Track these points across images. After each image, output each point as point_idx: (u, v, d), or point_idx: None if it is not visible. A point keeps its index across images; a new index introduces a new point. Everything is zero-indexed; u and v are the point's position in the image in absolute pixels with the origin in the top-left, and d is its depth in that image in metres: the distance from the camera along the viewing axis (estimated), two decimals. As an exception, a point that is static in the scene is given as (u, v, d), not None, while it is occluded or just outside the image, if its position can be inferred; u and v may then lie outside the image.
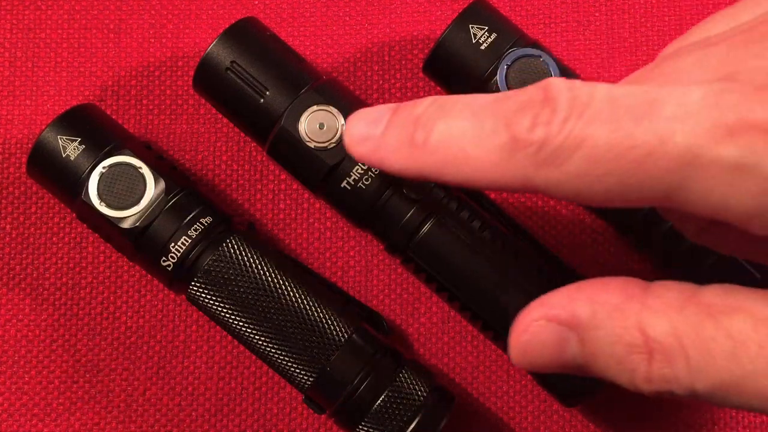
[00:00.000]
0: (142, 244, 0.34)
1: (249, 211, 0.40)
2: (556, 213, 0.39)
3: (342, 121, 0.34)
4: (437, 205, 0.34)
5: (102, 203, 0.34)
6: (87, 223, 0.35)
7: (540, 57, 0.35)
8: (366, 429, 0.34)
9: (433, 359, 0.39)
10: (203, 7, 0.41)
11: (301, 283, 0.35)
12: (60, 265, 0.39)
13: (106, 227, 0.34)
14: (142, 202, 0.34)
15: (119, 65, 0.41)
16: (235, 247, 0.34)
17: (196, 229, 0.34)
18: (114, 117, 0.38)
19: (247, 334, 0.34)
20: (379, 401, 0.34)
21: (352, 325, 0.35)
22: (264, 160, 0.40)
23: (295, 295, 0.34)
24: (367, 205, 0.34)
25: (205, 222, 0.35)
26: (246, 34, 0.35)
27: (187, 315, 0.39)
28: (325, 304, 0.35)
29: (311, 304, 0.34)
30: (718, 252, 0.27)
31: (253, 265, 0.34)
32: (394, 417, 0.34)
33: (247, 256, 0.35)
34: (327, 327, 0.34)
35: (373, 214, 0.34)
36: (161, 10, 0.41)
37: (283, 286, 0.34)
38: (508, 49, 0.35)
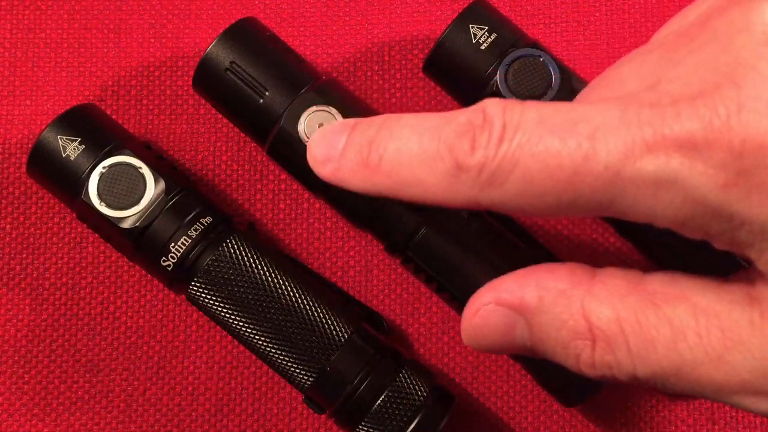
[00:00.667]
0: (142, 244, 0.34)
1: (249, 211, 0.40)
2: (556, 213, 0.39)
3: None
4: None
5: (102, 203, 0.34)
6: (87, 223, 0.35)
7: (540, 57, 0.35)
8: (366, 429, 0.34)
9: (433, 359, 0.39)
10: (203, 7, 0.41)
11: (301, 283, 0.35)
12: (60, 265, 0.39)
13: (106, 227, 0.34)
14: (142, 202, 0.34)
15: (119, 65, 0.41)
16: (235, 247, 0.34)
17: (196, 229, 0.34)
18: (114, 117, 0.38)
19: (247, 334, 0.34)
20: (379, 401, 0.34)
21: (352, 325, 0.35)
22: (264, 160, 0.40)
23: (295, 295, 0.34)
24: (367, 205, 0.34)
25: (205, 222, 0.35)
26: (246, 35, 0.35)
27: (187, 315, 0.39)
28: (325, 304, 0.35)
29: (311, 304, 0.34)
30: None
31: (253, 265, 0.34)
32: (394, 417, 0.34)
33: (247, 256, 0.35)
34: (327, 327, 0.34)
35: (373, 214, 0.34)
36: (161, 10, 0.41)
37: (283, 286, 0.34)
38: (508, 49, 0.35)
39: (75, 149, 0.34)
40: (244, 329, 0.34)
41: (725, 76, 0.23)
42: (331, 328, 0.34)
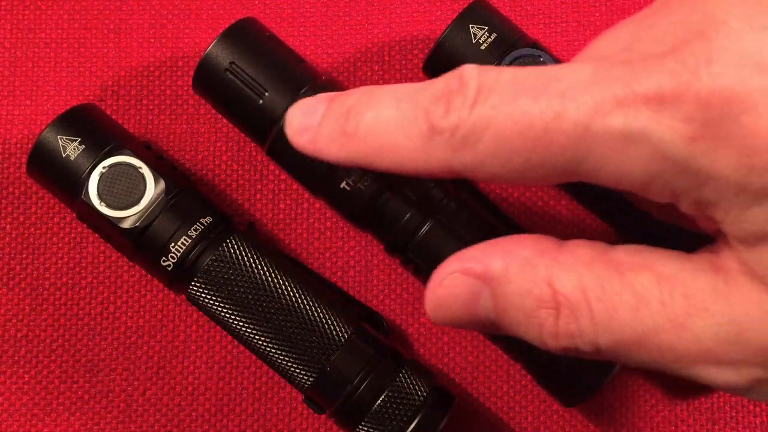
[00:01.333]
0: (142, 244, 0.34)
1: (249, 211, 0.40)
2: (556, 213, 0.39)
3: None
4: (437, 205, 0.34)
5: (102, 203, 0.34)
6: (87, 223, 0.35)
7: (540, 57, 0.35)
8: (366, 429, 0.34)
9: (433, 359, 0.39)
10: (203, 7, 0.41)
11: (301, 283, 0.35)
12: (60, 265, 0.39)
13: (106, 227, 0.34)
14: (142, 202, 0.34)
15: (119, 65, 0.41)
16: (235, 247, 0.34)
17: (196, 229, 0.34)
18: (114, 117, 0.38)
19: (247, 334, 0.34)
20: (379, 401, 0.34)
21: (352, 325, 0.35)
22: (264, 160, 0.40)
23: (295, 295, 0.34)
24: (367, 205, 0.34)
25: (205, 222, 0.35)
26: (245, 35, 0.35)
27: (187, 315, 0.39)
28: (325, 304, 0.35)
29: (311, 304, 0.34)
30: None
31: (253, 265, 0.34)
32: (394, 417, 0.34)
33: (247, 256, 0.35)
34: (327, 327, 0.34)
35: (373, 214, 0.34)
36: (161, 10, 0.41)
37: (283, 286, 0.34)
38: (508, 49, 0.35)
39: (75, 149, 0.34)
40: (244, 329, 0.34)
41: (696, 33, 0.23)
42: (331, 328, 0.34)
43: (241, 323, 0.34)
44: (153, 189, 0.34)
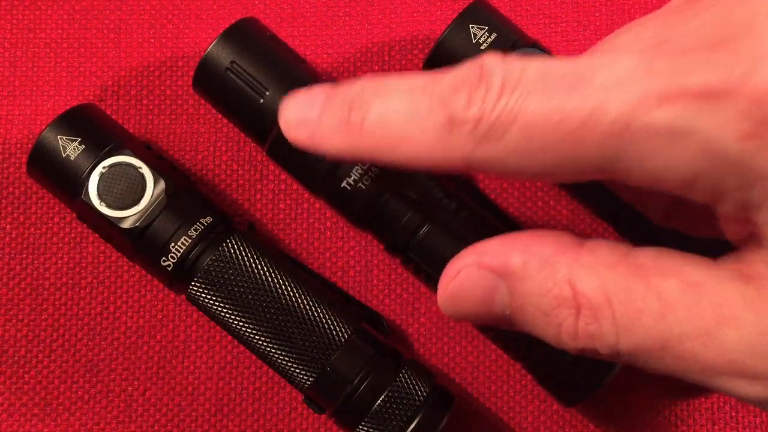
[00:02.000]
0: (142, 244, 0.34)
1: (249, 211, 0.40)
2: (557, 212, 0.39)
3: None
4: (437, 205, 0.34)
5: (102, 203, 0.34)
6: (87, 223, 0.35)
7: (540, 57, 0.35)
8: (366, 429, 0.34)
9: (433, 359, 0.39)
10: (203, 7, 0.41)
11: (301, 283, 0.35)
12: (60, 265, 0.39)
13: (106, 227, 0.34)
14: (142, 202, 0.34)
15: (119, 65, 0.41)
16: (235, 247, 0.34)
17: (196, 229, 0.34)
18: (114, 117, 0.38)
19: (247, 334, 0.34)
20: (379, 401, 0.34)
21: (352, 325, 0.35)
22: (264, 160, 0.40)
23: (295, 295, 0.34)
24: (367, 205, 0.34)
25: (205, 222, 0.35)
26: (246, 35, 0.35)
27: (187, 315, 0.39)
28: (325, 304, 0.35)
29: (311, 304, 0.34)
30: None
31: (253, 265, 0.34)
32: (394, 417, 0.34)
33: (247, 256, 0.35)
34: (327, 327, 0.34)
35: (373, 214, 0.34)
36: (161, 10, 0.41)
37: (283, 286, 0.34)
38: (508, 49, 0.35)
39: (75, 149, 0.34)
40: (244, 329, 0.34)
41: (743, 27, 0.22)
42: (331, 328, 0.34)
43: (241, 323, 0.34)
44: (153, 189, 0.34)
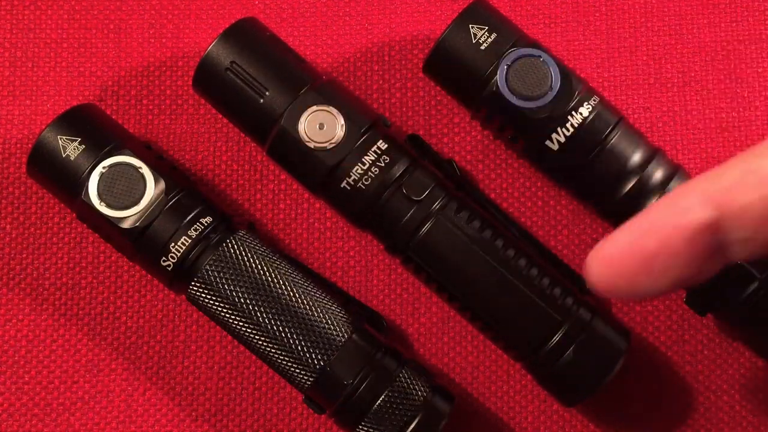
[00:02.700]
0: (142, 244, 0.34)
1: (249, 211, 0.40)
2: (556, 213, 0.39)
3: (342, 121, 0.34)
4: (437, 205, 0.34)
5: (102, 203, 0.34)
6: (87, 223, 0.35)
7: (540, 57, 0.35)
8: (366, 429, 0.34)
9: (433, 359, 0.39)
10: (203, 7, 0.41)
11: (301, 283, 0.35)
12: (60, 265, 0.39)
13: (106, 227, 0.34)
14: (142, 202, 0.34)
15: (119, 65, 0.41)
16: (235, 247, 0.34)
17: (196, 229, 0.34)
18: (114, 117, 0.38)
19: (247, 335, 0.34)
20: (379, 401, 0.34)
21: (352, 325, 0.35)
22: (264, 160, 0.40)
23: (295, 295, 0.34)
24: (367, 205, 0.34)
25: (205, 222, 0.35)
26: (246, 35, 0.35)
27: (187, 315, 0.39)
28: (325, 304, 0.35)
29: (311, 305, 0.34)
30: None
31: (253, 265, 0.34)
32: (394, 417, 0.34)
33: (247, 256, 0.35)
34: (327, 327, 0.34)
35: (373, 214, 0.34)
36: (161, 10, 0.41)
37: (283, 286, 0.34)
38: (508, 49, 0.35)
39: (75, 149, 0.34)
40: (244, 329, 0.34)
41: None
42: (331, 328, 0.34)
43: (241, 323, 0.34)
44: (153, 189, 0.34)
